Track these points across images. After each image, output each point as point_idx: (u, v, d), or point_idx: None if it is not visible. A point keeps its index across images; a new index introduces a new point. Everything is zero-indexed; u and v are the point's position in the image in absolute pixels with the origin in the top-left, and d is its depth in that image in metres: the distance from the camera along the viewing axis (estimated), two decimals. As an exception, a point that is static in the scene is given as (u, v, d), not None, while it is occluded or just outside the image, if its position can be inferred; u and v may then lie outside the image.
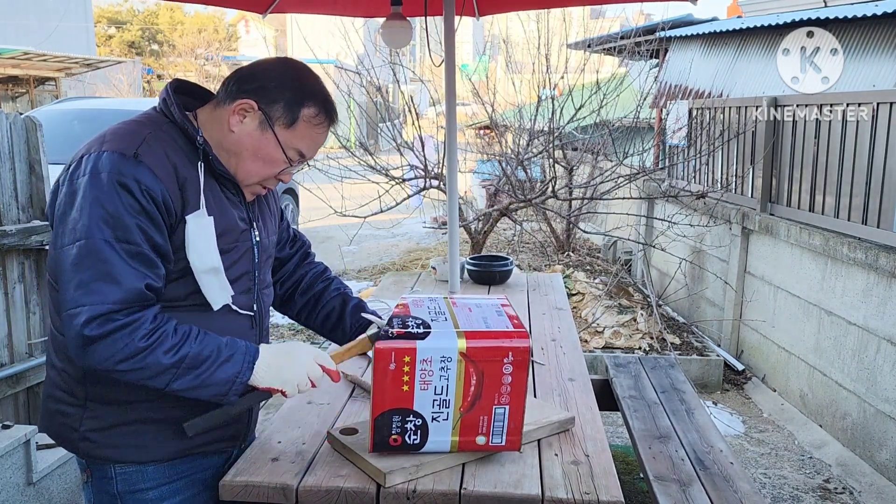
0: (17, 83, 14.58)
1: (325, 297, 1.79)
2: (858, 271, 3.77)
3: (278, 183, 1.53)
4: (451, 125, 2.98)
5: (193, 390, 1.34)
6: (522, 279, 3.44)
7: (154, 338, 1.29)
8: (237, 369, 1.36)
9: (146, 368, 1.29)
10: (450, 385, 1.42)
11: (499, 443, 1.49)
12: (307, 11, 3.17)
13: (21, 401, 3.14)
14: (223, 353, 1.36)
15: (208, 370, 1.33)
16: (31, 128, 3.09)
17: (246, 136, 1.43)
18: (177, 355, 1.31)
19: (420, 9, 2.98)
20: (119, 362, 1.27)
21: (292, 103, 1.43)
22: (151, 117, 1.43)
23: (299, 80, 1.46)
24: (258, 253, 1.54)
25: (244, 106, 1.41)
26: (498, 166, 6.77)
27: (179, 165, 1.37)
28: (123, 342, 1.26)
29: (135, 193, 1.29)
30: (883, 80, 4.60)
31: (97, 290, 1.26)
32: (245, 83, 1.44)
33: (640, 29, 7.40)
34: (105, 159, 1.30)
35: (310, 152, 1.49)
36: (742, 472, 2.43)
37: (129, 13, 34.94)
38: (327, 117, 1.47)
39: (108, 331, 1.26)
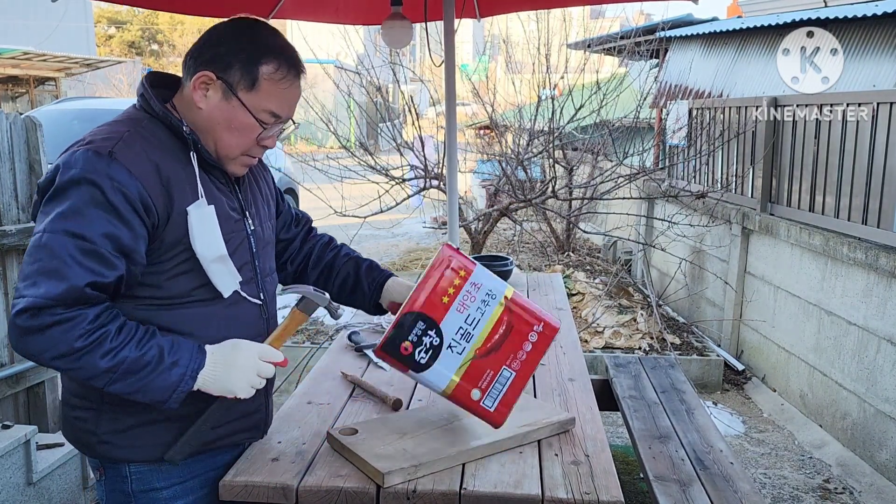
0: (17, 83, 14.58)
1: (336, 265, 1.77)
2: (858, 271, 3.77)
3: (264, 151, 1.48)
4: (451, 125, 2.98)
5: (133, 394, 1.30)
6: (522, 279, 3.44)
7: (92, 339, 1.25)
8: (178, 378, 1.31)
9: (82, 369, 1.26)
10: (482, 320, 1.44)
11: (489, 406, 1.48)
12: (308, 19, 3.17)
13: (21, 401, 3.14)
14: (166, 359, 1.31)
15: (148, 376, 1.29)
16: (30, 128, 3.09)
17: (214, 109, 1.38)
18: (114, 359, 1.26)
19: (420, 14, 2.98)
20: (53, 358, 1.25)
21: (248, 64, 1.37)
22: (131, 115, 1.40)
23: (251, 38, 1.39)
24: (254, 242, 1.51)
25: (202, 79, 1.37)
26: (498, 166, 6.78)
27: (161, 163, 1.34)
28: (59, 338, 1.23)
29: (104, 190, 1.26)
30: (883, 80, 4.60)
31: (38, 284, 1.23)
32: (199, 56, 1.39)
33: (640, 29, 7.41)
34: (78, 157, 1.28)
35: (283, 110, 1.42)
36: (742, 472, 2.42)
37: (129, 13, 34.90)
38: (290, 69, 1.40)
39: (44, 324, 1.22)
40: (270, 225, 1.63)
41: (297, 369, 4.25)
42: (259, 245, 1.53)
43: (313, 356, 4.39)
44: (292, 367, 4.35)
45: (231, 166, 1.45)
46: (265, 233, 1.58)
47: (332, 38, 6.32)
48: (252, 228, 1.51)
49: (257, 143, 1.43)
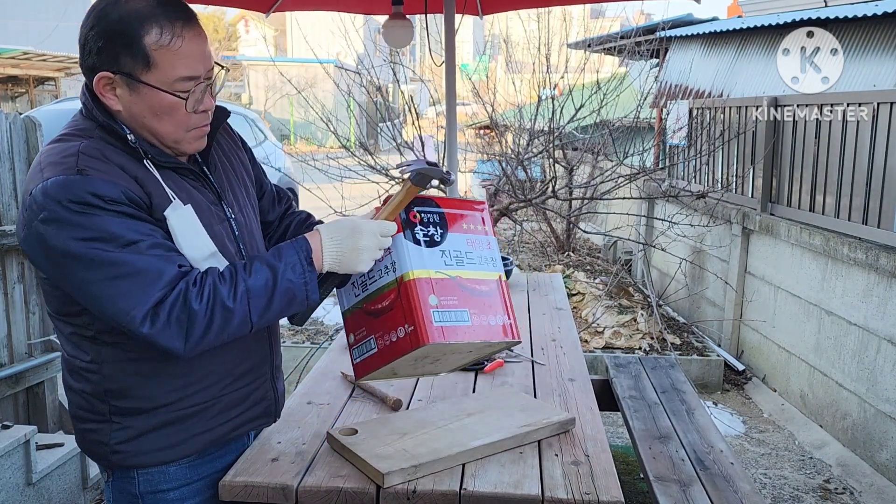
0: (17, 83, 14.57)
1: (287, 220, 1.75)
2: (859, 271, 3.76)
3: (208, 116, 1.38)
4: (451, 125, 2.97)
5: (277, 312, 1.31)
6: (522, 279, 3.44)
7: (206, 294, 1.24)
8: (300, 272, 1.31)
9: (221, 322, 1.25)
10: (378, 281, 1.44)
11: (354, 357, 1.48)
12: (310, 8, 3.17)
13: (21, 401, 3.14)
14: (278, 267, 1.30)
15: (276, 288, 1.29)
16: (30, 127, 3.09)
17: (131, 105, 1.29)
18: (238, 294, 1.26)
19: (420, 6, 2.98)
20: (195, 333, 1.24)
21: (130, 44, 1.24)
22: (79, 125, 1.33)
23: (118, 15, 1.25)
24: (237, 229, 1.47)
25: (102, 81, 1.27)
26: (498, 166, 6.77)
27: (126, 165, 1.29)
28: (184, 316, 1.22)
29: (101, 206, 1.21)
30: (883, 80, 4.60)
31: (136, 291, 1.21)
32: (84, 59, 1.28)
33: (640, 29, 7.41)
34: (52, 187, 1.20)
35: (196, 69, 1.29)
36: (742, 472, 2.42)
37: (129, 13, 34.87)
38: (174, 24, 1.26)
39: (166, 315, 1.22)
40: (252, 210, 1.58)
41: (297, 369, 4.25)
42: (243, 232, 1.49)
43: (313, 356, 4.38)
44: (292, 367, 4.35)
45: (185, 147, 1.38)
46: (247, 218, 1.53)
47: (332, 38, 6.32)
48: (233, 216, 1.47)
49: (194, 113, 1.33)
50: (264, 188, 1.70)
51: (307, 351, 4.58)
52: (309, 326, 5.71)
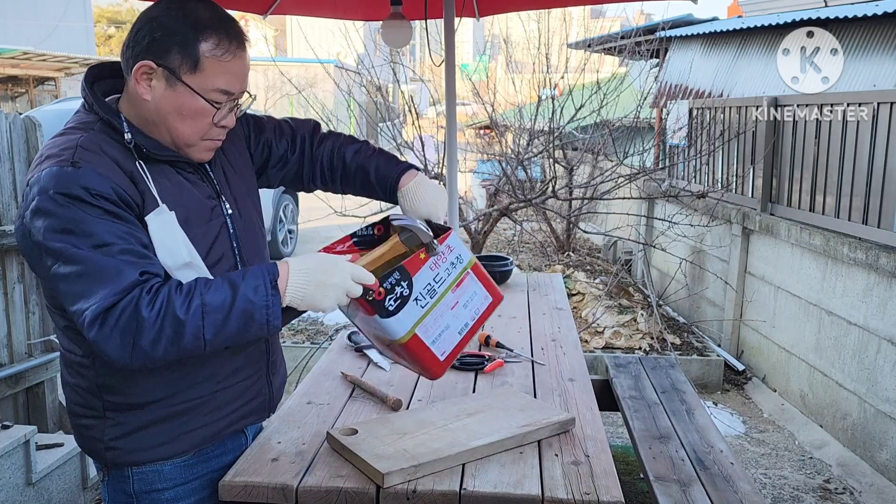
0: (17, 83, 14.56)
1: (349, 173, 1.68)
2: (859, 271, 3.76)
3: (224, 132, 1.41)
4: (451, 125, 2.97)
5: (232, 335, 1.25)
6: (522, 279, 3.44)
7: (158, 302, 1.21)
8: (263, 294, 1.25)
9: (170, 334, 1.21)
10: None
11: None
12: (307, 14, 3.17)
13: (20, 401, 3.14)
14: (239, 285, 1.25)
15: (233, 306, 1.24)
16: (30, 127, 3.09)
17: (161, 99, 1.32)
18: (192, 306, 1.22)
19: (420, 12, 2.98)
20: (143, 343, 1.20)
21: (185, 44, 1.29)
22: (82, 119, 1.36)
23: (184, 16, 1.30)
24: (233, 225, 1.46)
25: (142, 69, 1.30)
26: (498, 166, 6.77)
27: (121, 161, 1.30)
28: (133, 323, 1.20)
29: (88, 200, 1.22)
30: (883, 80, 4.60)
31: (94, 292, 1.20)
32: (136, 44, 1.30)
33: (640, 29, 7.41)
34: (45, 177, 1.23)
35: (233, 85, 1.35)
36: (742, 472, 2.42)
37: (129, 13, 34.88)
38: (231, 41, 1.32)
39: (114, 320, 1.19)
40: (252, 203, 1.57)
41: (296, 369, 4.25)
42: (240, 228, 1.48)
43: (313, 356, 4.38)
44: (292, 367, 4.35)
45: (194, 154, 1.39)
46: (245, 213, 1.52)
47: (332, 38, 6.32)
48: (230, 212, 1.46)
49: (215, 126, 1.37)
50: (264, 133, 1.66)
51: (307, 351, 4.58)
52: (309, 326, 5.71)
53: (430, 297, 1.46)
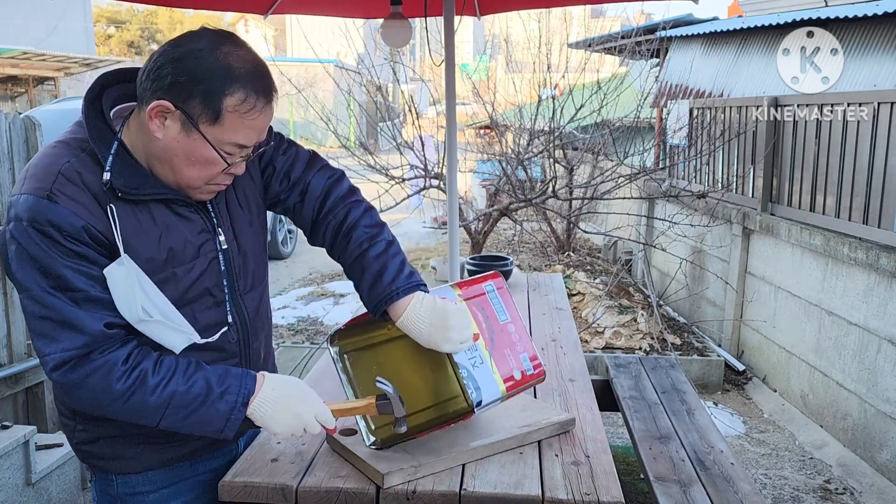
0: (16, 83, 14.57)
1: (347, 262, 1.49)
2: (859, 271, 3.76)
3: (232, 178, 1.35)
4: (451, 125, 2.97)
5: (186, 428, 1.28)
6: (522, 279, 3.44)
7: (132, 378, 1.22)
8: (230, 407, 1.28)
9: (131, 409, 1.24)
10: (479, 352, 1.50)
11: (530, 371, 1.55)
12: (307, 12, 3.17)
13: (20, 401, 3.14)
14: (215, 389, 1.27)
15: (199, 408, 1.26)
16: (29, 127, 3.08)
17: (172, 141, 1.25)
18: (163, 395, 1.23)
19: (420, 10, 2.97)
20: (104, 405, 1.24)
21: (210, 95, 1.22)
22: (76, 135, 1.29)
23: (214, 64, 1.22)
24: (226, 260, 1.41)
25: (159, 108, 1.23)
26: (498, 166, 6.77)
27: (100, 195, 1.24)
28: (101, 386, 1.21)
29: (57, 239, 1.19)
30: (883, 80, 4.60)
31: (58, 338, 1.20)
32: (158, 78, 1.23)
33: (640, 28, 7.41)
34: (22, 204, 1.20)
35: (252, 140, 1.29)
36: (743, 472, 2.42)
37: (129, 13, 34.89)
38: (258, 97, 1.25)
39: (82, 375, 1.21)
40: (255, 233, 1.49)
41: (296, 369, 4.24)
42: (236, 263, 1.43)
43: (313, 356, 4.38)
44: (292, 367, 4.35)
45: (195, 195, 1.34)
46: (244, 244, 1.45)
47: (332, 37, 6.31)
48: (224, 247, 1.40)
49: (223, 173, 1.31)
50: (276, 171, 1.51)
51: (307, 351, 4.58)
52: (309, 327, 5.71)
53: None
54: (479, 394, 1.45)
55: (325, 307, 6.13)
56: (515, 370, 1.53)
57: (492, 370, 1.49)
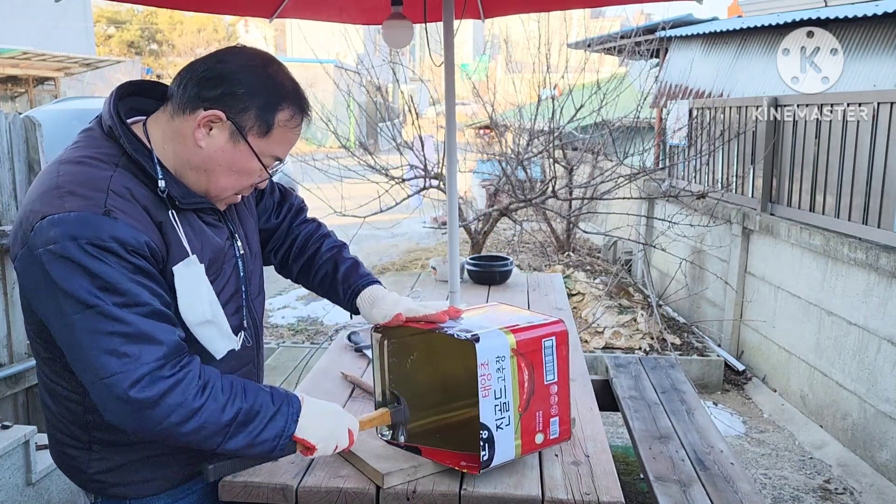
0: (17, 83, 14.57)
1: (317, 261, 1.68)
2: (859, 271, 3.76)
3: (252, 189, 1.40)
4: (450, 125, 2.97)
5: (244, 449, 1.26)
6: (522, 279, 3.44)
7: (207, 394, 1.21)
8: (283, 423, 1.29)
9: (204, 427, 1.21)
10: (507, 386, 1.39)
11: (554, 436, 1.48)
12: (311, 18, 3.17)
13: (20, 401, 3.14)
14: (271, 406, 1.28)
15: (260, 425, 1.26)
16: (30, 127, 3.08)
17: (216, 150, 1.27)
18: (231, 411, 1.23)
19: (420, 14, 2.97)
20: (177, 424, 1.18)
21: (266, 110, 1.27)
22: (104, 150, 1.26)
23: (270, 80, 1.29)
24: (244, 265, 1.45)
25: (211, 117, 1.25)
26: (498, 166, 6.77)
27: (150, 208, 1.25)
28: (177, 401, 1.17)
29: (121, 255, 1.17)
30: (883, 80, 4.60)
31: (131, 353, 1.15)
32: (207, 89, 1.25)
33: (640, 29, 7.41)
34: (73, 221, 1.15)
35: (285, 154, 1.36)
36: (742, 472, 2.42)
37: (129, 13, 34.88)
38: (303, 115, 1.33)
39: (160, 392, 1.16)
40: (256, 238, 1.56)
41: (296, 369, 4.25)
42: (248, 267, 1.47)
43: (313, 356, 4.38)
44: (292, 366, 4.35)
45: (219, 202, 1.38)
46: (253, 249, 1.52)
47: (332, 38, 6.31)
48: (241, 252, 1.44)
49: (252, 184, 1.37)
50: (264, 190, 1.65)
51: (307, 351, 4.58)
52: (309, 326, 5.71)
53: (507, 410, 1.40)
54: (491, 455, 1.39)
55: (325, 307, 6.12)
56: (539, 434, 1.45)
57: (514, 434, 1.41)
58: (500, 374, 1.38)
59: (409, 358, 1.56)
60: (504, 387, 1.39)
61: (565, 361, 1.48)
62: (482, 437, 1.37)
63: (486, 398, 1.37)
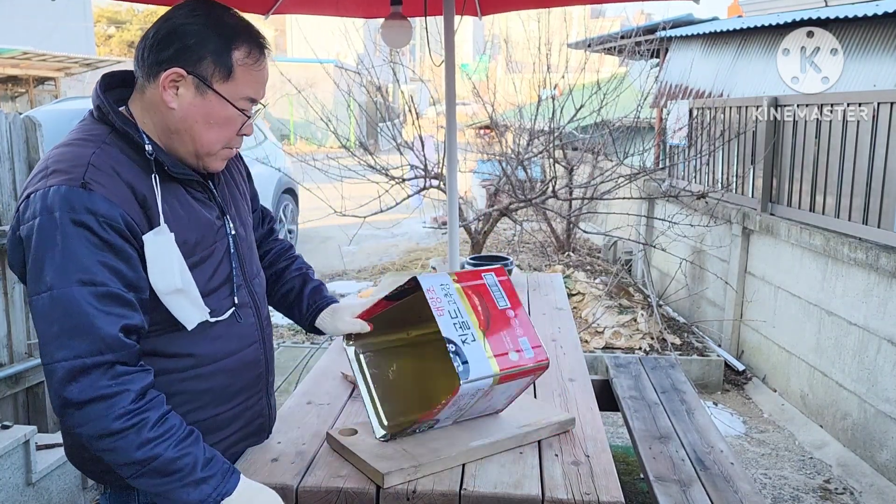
0: (17, 83, 14.57)
1: (286, 275, 1.72)
2: (859, 271, 3.76)
3: (242, 140, 1.41)
4: (451, 125, 2.97)
5: (154, 495, 1.24)
6: (522, 279, 3.44)
7: (131, 423, 1.17)
8: (203, 497, 1.22)
9: (113, 452, 1.19)
10: (459, 307, 1.48)
11: (529, 355, 1.50)
12: (308, 12, 3.17)
13: (20, 401, 3.14)
14: (198, 472, 1.22)
15: (175, 483, 1.21)
16: (30, 127, 3.08)
17: (188, 107, 1.29)
18: (149, 453, 1.18)
19: (420, 9, 2.97)
20: (92, 437, 1.18)
21: (220, 53, 1.28)
22: (92, 131, 1.29)
23: (217, 23, 1.30)
24: (235, 245, 1.45)
25: (172, 77, 1.27)
26: (498, 166, 6.77)
27: (135, 182, 1.26)
28: (97, 415, 1.16)
29: (93, 228, 1.17)
30: (883, 80, 4.60)
31: (68, 345, 1.15)
32: (162, 50, 1.27)
33: (640, 28, 7.41)
34: (52, 195, 1.18)
35: (259, 93, 1.36)
36: (742, 472, 2.42)
37: (129, 13, 34.88)
38: (260, 50, 1.34)
39: (86, 398, 1.15)
40: (249, 221, 1.58)
41: (296, 369, 4.24)
42: (242, 247, 1.48)
43: (313, 356, 4.38)
44: (292, 367, 4.35)
45: (211, 163, 1.38)
46: (246, 232, 1.52)
47: (332, 38, 6.31)
48: (233, 232, 1.45)
49: (237, 133, 1.38)
50: (255, 205, 1.70)
51: (307, 351, 4.58)
52: (309, 326, 5.69)
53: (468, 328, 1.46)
54: (467, 368, 1.40)
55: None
56: (512, 352, 1.48)
57: (484, 350, 1.45)
58: (449, 298, 1.48)
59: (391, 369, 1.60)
60: (457, 308, 1.47)
61: (513, 293, 1.57)
62: (451, 350, 1.42)
63: (441, 316, 1.45)
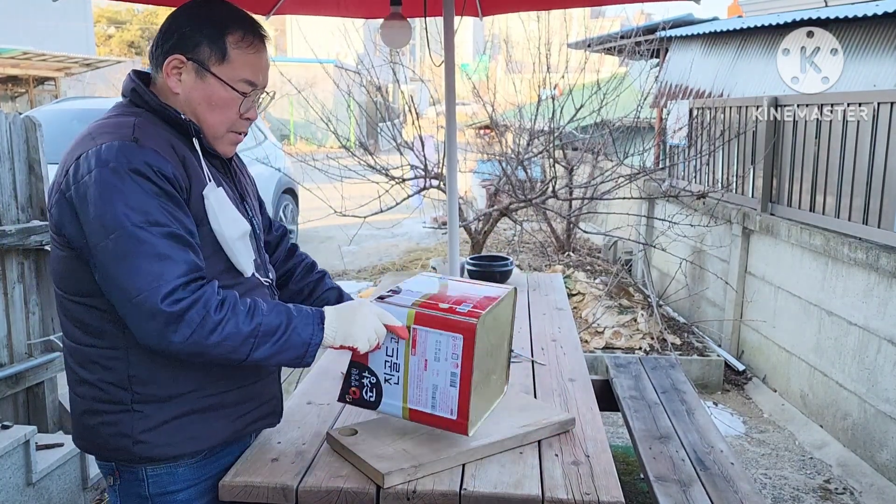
0: (17, 83, 14.57)
1: (320, 289, 1.79)
2: (859, 271, 3.76)
3: (248, 125, 1.50)
4: (451, 125, 2.97)
5: (273, 357, 1.35)
6: (522, 279, 3.44)
7: (226, 308, 1.30)
8: (310, 331, 1.37)
9: (228, 339, 1.29)
10: (398, 349, 1.47)
11: (448, 416, 1.46)
12: (309, 13, 3.17)
13: (20, 401, 3.14)
14: (293, 317, 1.37)
15: (284, 334, 1.34)
16: (30, 127, 3.08)
17: (191, 90, 1.41)
18: (252, 322, 1.31)
19: (420, 9, 2.97)
20: (203, 337, 1.27)
21: (214, 38, 1.40)
22: (126, 111, 1.41)
23: (211, 12, 1.43)
24: (254, 229, 1.54)
25: (173, 63, 1.40)
26: (498, 166, 6.77)
27: (174, 144, 1.37)
28: (200, 315, 1.26)
29: (150, 177, 1.28)
30: (883, 80, 4.60)
31: (153, 272, 1.25)
32: (165, 42, 1.41)
33: (640, 28, 7.41)
34: (106, 150, 1.28)
35: (257, 77, 1.45)
36: (743, 472, 2.42)
37: (129, 13, 34.88)
38: (254, 35, 1.44)
39: (184, 307, 1.25)
40: (260, 219, 1.67)
41: (297, 369, 4.24)
42: (257, 230, 1.57)
43: (313, 356, 4.38)
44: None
45: (220, 146, 1.48)
46: (260, 226, 1.62)
47: (332, 38, 6.31)
48: (251, 215, 1.54)
49: (240, 117, 1.46)
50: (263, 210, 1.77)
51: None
52: (309, 326, 5.69)
53: (396, 370, 1.48)
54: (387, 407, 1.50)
55: (325, 307, 6.11)
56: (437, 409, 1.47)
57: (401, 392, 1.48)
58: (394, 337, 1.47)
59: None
60: (396, 348, 1.47)
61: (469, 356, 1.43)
62: (371, 381, 1.49)
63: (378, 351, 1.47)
